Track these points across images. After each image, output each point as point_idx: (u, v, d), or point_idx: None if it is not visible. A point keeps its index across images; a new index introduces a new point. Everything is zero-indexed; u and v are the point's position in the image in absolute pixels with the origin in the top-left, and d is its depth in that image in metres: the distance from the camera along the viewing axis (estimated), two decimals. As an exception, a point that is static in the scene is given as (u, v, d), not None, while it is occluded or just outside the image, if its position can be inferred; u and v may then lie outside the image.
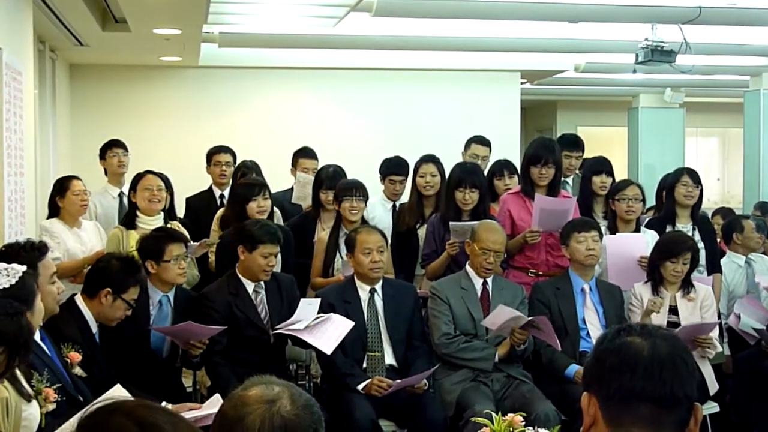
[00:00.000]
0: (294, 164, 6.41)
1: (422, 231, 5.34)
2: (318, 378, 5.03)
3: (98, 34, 6.94)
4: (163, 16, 6.26)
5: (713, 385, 4.80)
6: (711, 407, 4.88)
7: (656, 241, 5.11)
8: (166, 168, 5.72)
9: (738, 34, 8.19)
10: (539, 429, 3.16)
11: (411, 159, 5.77)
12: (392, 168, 5.77)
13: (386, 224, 5.50)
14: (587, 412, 1.79)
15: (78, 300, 3.93)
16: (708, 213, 6.06)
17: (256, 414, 1.71)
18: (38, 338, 3.24)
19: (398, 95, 9.56)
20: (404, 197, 5.82)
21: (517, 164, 5.95)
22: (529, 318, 4.50)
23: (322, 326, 4.36)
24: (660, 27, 6.89)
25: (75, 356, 3.55)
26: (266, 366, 4.02)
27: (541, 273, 5.14)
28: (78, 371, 3.54)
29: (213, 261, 5.30)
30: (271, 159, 7.00)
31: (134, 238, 4.86)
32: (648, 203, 5.86)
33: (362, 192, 5.19)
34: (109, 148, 6.05)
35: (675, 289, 4.95)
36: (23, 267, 3.01)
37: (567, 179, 5.94)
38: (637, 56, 6.99)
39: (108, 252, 4.72)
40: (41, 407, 2.99)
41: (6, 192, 4.54)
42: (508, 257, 5.14)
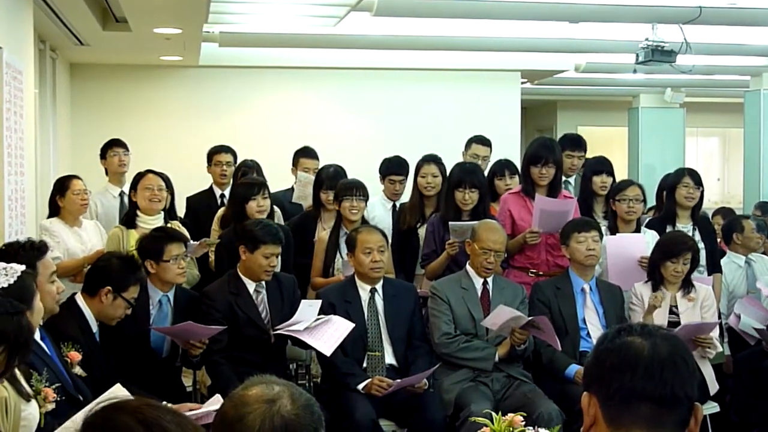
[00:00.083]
0: (295, 164, 6.41)
1: (423, 231, 5.33)
2: (318, 378, 5.03)
3: (99, 34, 6.94)
4: (164, 16, 6.26)
5: (713, 385, 4.80)
6: (711, 407, 4.88)
7: (657, 241, 5.11)
8: (166, 167, 5.71)
9: (738, 34, 8.19)
10: (540, 429, 3.15)
11: (411, 159, 5.76)
12: (392, 168, 5.77)
13: (386, 224, 5.50)
14: (587, 412, 1.78)
15: (78, 299, 3.93)
16: (708, 213, 6.05)
17: (257, 413, 1.71)
18: (38, 338, 3.23)
19: (398, 95, 9.55)
20: (404, 197, 5.82)
21: (518, 164, 5.94)
22: (530, 318, 4.49)
23: (322, 328, 4.35)
24: (660, 27, 6.88)
25: (75, 356, 3.55)
26: (267, 365, 4.03)
27: (542, 273, 5.14)
28: (78, 371, 3.54)
29: (213, 261, 5.29)
30: (272, 158, 6.99)
31: (134, 238, 4.86)
32: (648, 203, 5.85)
33: (362, 192, 5.19)
34: (110, 148, 6.05)
35: (675, 289, 4.95)
36: (22, 266, 3.00)
37: (569, 179, 5.93)
38: (638, 56, 6.98)
39: (108, 251, 4.73)
40: (40, 407, 2.98)
41: (6, 191, 4.54)
42: (509, 257, 5.13)
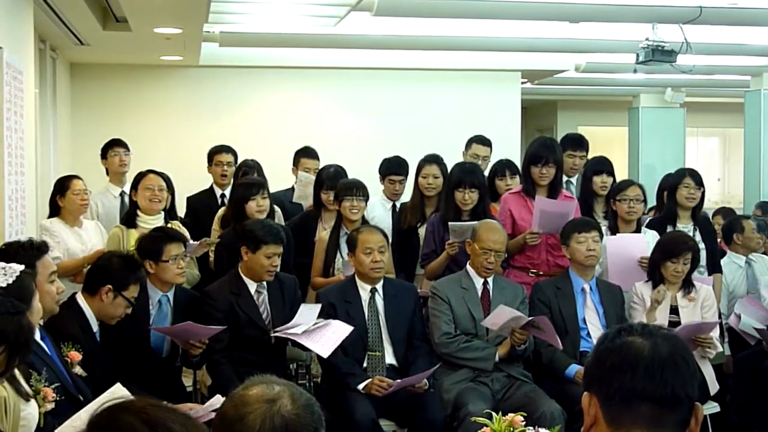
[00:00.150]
0: (296, 164, 6.41)
1: (423, 230, 5.33)
2: (318, 377, 5.03)
3: (99, 34, 6.93)
4: (164, 16, 6.26)
5: (714, 385, 4.80)
6: (711, 407, 4.88)
7: (657, 241, 5.10)
8: (167, 167, 5.71)
9: (739, 34, 8.18)
10: (540, 429, 3.15)
11: (411, 159, 5.76)
12: (392, 168, 5.77)
13: (386, 224, 5.50)
14: (588, 412, 1.78)
15: (79, 298, 3.93)
16: (708, 213, 6.05)
17: (257, 413, 1.70)
18: (38, 337, 3.23)
19: (399, 95, 9.55)
20: (404, 197, 5.82)
21: (518, 164, 5.94)
22: (530, 318, 4.49)
23: (321, 331, 4.34)
24: (661, 27, 6.87)
25: (75, 355, 3.55)
26: (267, 365, 4.03)
27: (542, 273, 5.14)
28: (78, 370, 3.54)
29: (213, 260, 5.29)
30: (272, 158, 6.98)
31: (135, 237, 4.85)
32: (648, 203, 5.85)
33: (363, 191, 5.19)
34: (111, 148, 6.05)
35: (675, 289, 4.94)
36: (21, 266, 2.99)
37: (571, 179, 5.93)
38: (638, 56, 6.97)
39: (108, 250, 4.73)
40: (40, 407, 2.98)
41: (6, 191, 4.53)
42: (509, 257, 5.13)
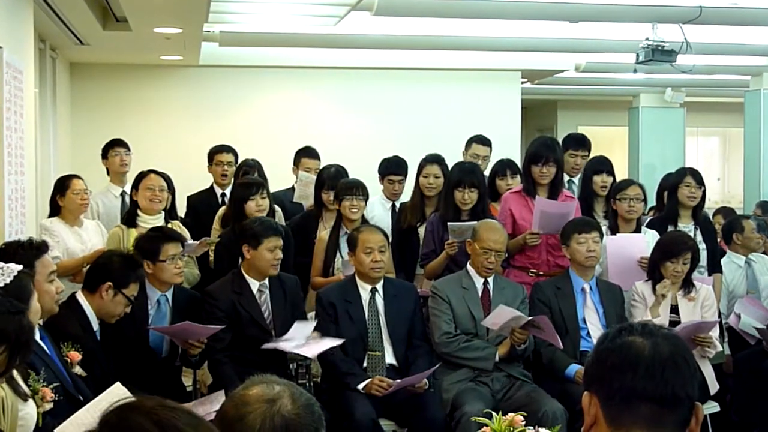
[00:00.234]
0: (296, 163, 6.41)
1: (423, 230, 5.33)
2: (318, 377, 5.03)
3: (99, 33, 6.93)
4: (164, 15, 6.26)
5: (714, 385, 4.80)
6: (711, 407, 4.88)
7: (657, 241, 5.10)
8: (167, 167, 5.70)
9: (738, 34, 8.18)
10: (540, 428, 3.15)
11: (411, 159, 5.76)
12: (391, 168, 5.77)
13: (385, 224, 5.49)
14: (588, 412, 1.78)
15: (79, 297, 3.94)
16: (709, 213, 6.05)
17: (257, 413, 1.70)
18: (38, 337, 3.23)
19: (399, 95, 9.54)
20: (404, 197, 5.82)
21: (518, 164, 5.94)
22: (530, 318, 4.49)
23: (310, 344, 4.37)
24: (661, 27, 6.88)
25: (75, 355, 3.55)
26: (267, 365, 4.02)
27: (542, 273, 5.13)
28: (78, 370, 3.54)
29: (213, 260, 5.29)
30: (272, 158, 6.97)
31: (135, 236, 4.85)
32: (648, 203, 5.84)
33: (362, 191, 5.19)
34: (111, 148, 6.05)
35: (675, 289, 4.94)
36: (19, 266, 2.99)
37: (573, 179, 5.92)
38: (638, 56, 6.97)
39: (108, 249, 4.73)
40: (38, 407, 2.98)
41: (6, 191, 4.53)
42: (509, 257, 5.13)
